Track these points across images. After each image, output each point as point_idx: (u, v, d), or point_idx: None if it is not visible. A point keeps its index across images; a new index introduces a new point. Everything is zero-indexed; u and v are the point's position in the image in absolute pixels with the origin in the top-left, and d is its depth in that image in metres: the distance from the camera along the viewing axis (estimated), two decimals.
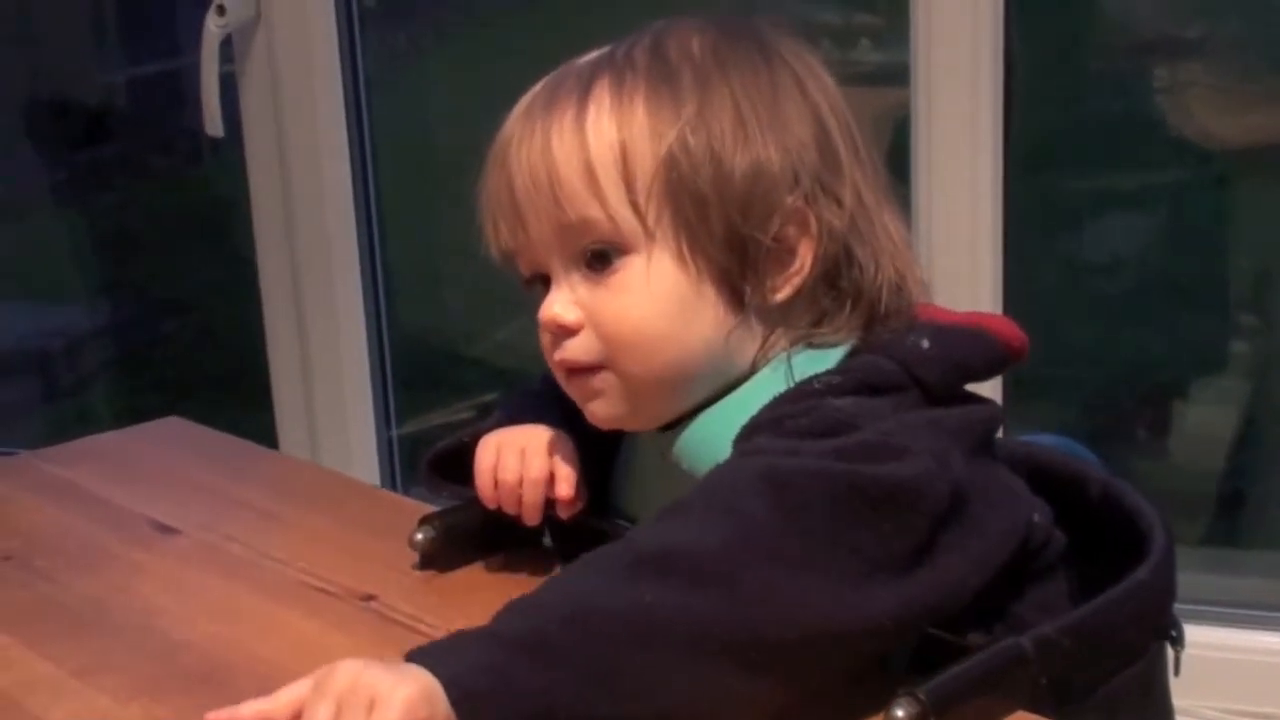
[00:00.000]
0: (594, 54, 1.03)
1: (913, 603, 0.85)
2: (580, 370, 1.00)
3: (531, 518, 1.07)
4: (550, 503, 1.07)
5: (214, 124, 2.35)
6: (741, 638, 0.80)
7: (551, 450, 1.06)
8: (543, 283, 1.01)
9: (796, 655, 0.82)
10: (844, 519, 0.84)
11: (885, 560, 0.84)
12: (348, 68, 2.39)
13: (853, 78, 2.37)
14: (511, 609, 0.82)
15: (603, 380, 1.00)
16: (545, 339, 1.02)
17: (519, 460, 1.06)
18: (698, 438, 1.00)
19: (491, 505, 1.08)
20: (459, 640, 0.81)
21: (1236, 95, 2.20)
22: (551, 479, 1.06)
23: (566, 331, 0.99)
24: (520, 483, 1.06)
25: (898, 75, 2.00)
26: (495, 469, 1.07)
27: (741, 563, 0.82)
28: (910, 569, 0.85)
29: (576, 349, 0.99)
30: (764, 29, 1.03)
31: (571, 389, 1.02)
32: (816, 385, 0.95)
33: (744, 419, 0.96)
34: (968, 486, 0.90)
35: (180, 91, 3.18)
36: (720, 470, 0.90)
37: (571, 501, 1.06)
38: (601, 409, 1.01)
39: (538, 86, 1.03)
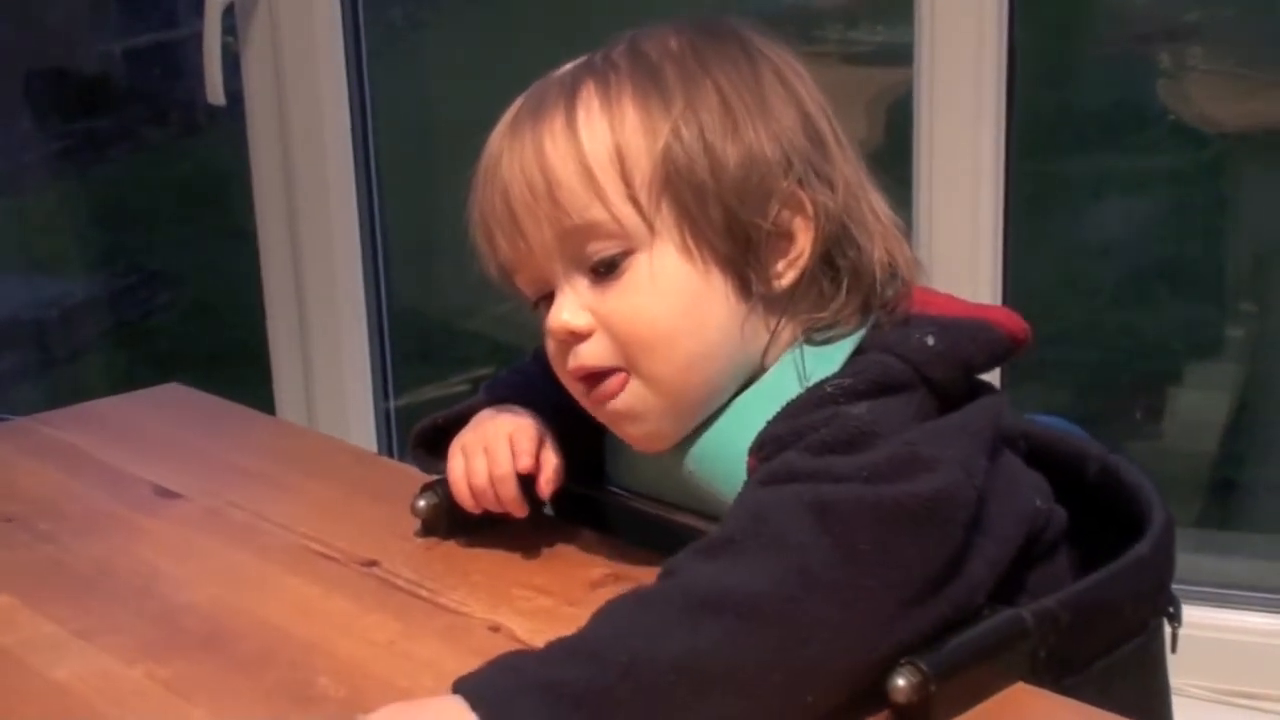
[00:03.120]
0: (570, 64, 1.03)
1: (943, 618, 0.85)
2: (598, 378, 0.99)
3: (516, 510, 1.08)
4: (532, 484, 1.07)
5: (215, 92, 2.34)
6: (798, 678, 0.80)
7: (513, 438, 1.06)
8: (545, 300, 1.01)
9: (845, 684, 0.82)
10: (892, 541, 0.84)
11: (931, 575, 0.84)
12: (350, 39, 2.39)
13: (853, 57, 2.40)
14: (567, 653, 0.80)
15: (628, 391, 0.98)
16: (554, 350, 1.01)
17: (485, 461, 1.06)
18: (709, 446, 1.00)
19: (476, 511, 1.08)
20: (514, 684, 0.78)
21: (1236, 80, 2.20)
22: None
23: (577, 338, 0.98)
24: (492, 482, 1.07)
25: (899, 55, 2.01)
26: (467, 475, 1.07)
27: (795, 601, 0.81)
28: (947, 581, 0.85)
29: (590, 354, 0.99)
30: (738, 25, 1.03)
31: (602, 413, 1.01)
32: (828, 390, 0.95)
33: (756, 425, 0.96)
34: (984, 489, 0.90)
35: (177, 62, 3.18)
36: (760, 499, 0.88)
37: (541, 478, 1.06)
38: (637, 430, 1.00)
39: (519, 101, 1.03)
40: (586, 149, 0.97)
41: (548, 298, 1.00)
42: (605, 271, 0.97)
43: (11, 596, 1.07)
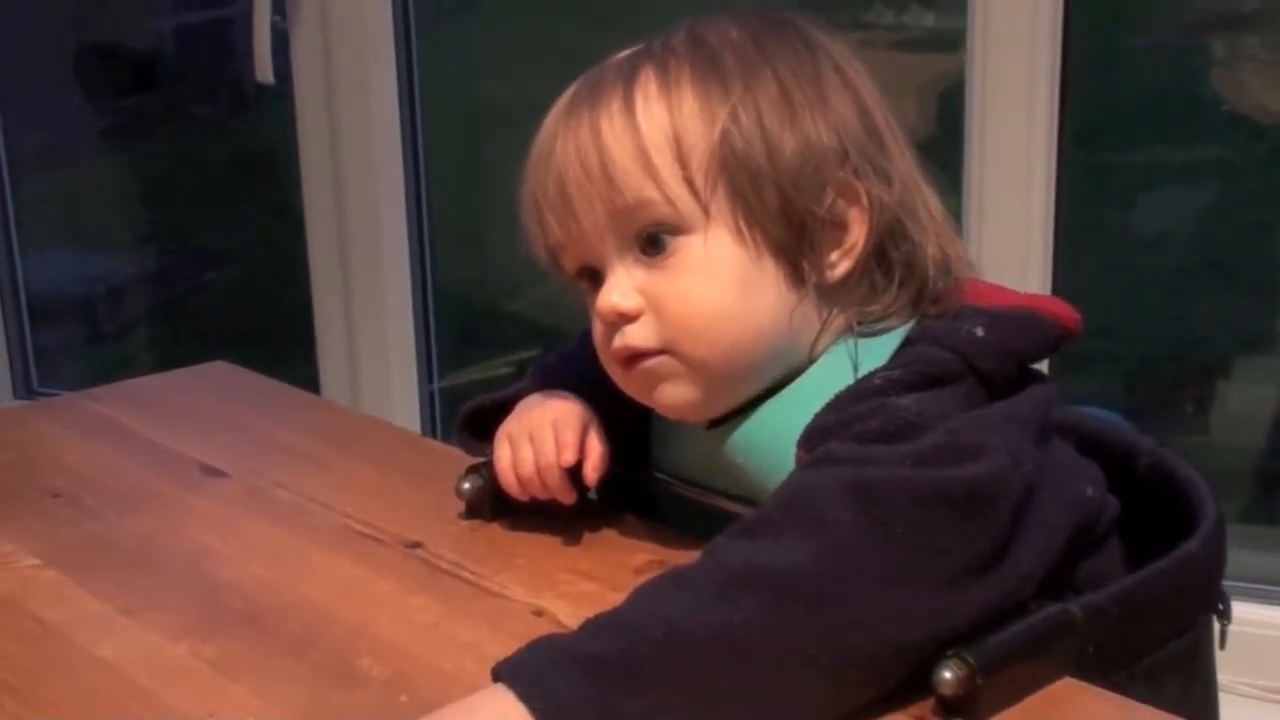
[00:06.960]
0: (628, 50, 1.03)
1: (988, 605, 0.84)
2: (639, 358, 0.99)
3: (564, 498, 1.08)
4: (580, 471, 1.07)
5: (264, 70, 2.35)
6: (833, 655, 0.80)
7: (556, 427, 1.06)
8: (591, 280, 1.01)
9: (882, 665, 0.82)
10: (930, 524, 0.83)
11: (971, 562, 0.84)
12: (399, 18, 2.39)
13: (904, 44, 2.38)
14: (602, 627, 0.80)
15: (666, 366, 0.98)
16: (600, 331, 1.01)
17: (530, 450, 1.07)
18: (756, 434, 0.99)
19: (524, 499, 1.08)
20: (550, 660, 0.79)
21: None
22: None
23: (625, 319, 0.98)
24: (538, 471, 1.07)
25: (949, 41, 1.99)
26: (514, 465, 1.07)
27: (832, 578, 0.81)
28: (990, 568, 0.84)
29: (636, 335, 0.98)
30: (799, 19, 1.03)
31: (633, 381, 1.01)
32: (877, 381, 0.94)
33: (804, 416, 0.95)
34: (1033, 477, 0.89)
35: (227, 40, 3.18)
36: (801, 481, 0.88)
37: (587, 465, 1.06)
38: (670, 396, 1.00)
39: (574, 85, 1.03)
40: (644, 131, 0.96)
41: (595, 280, 1.00)
42: (657, 250, 0.97)
43: (58, 572, 1.07)
